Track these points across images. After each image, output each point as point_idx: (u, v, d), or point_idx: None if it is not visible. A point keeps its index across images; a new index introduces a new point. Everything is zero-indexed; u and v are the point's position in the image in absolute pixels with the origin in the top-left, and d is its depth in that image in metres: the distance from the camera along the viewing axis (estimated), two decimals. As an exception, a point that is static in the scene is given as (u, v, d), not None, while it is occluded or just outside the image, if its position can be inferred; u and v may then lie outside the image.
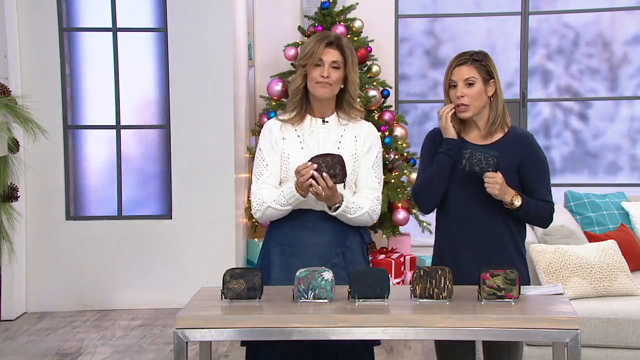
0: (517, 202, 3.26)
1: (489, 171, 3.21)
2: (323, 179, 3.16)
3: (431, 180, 3.36)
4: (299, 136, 3.35)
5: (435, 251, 3.47)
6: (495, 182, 3.21)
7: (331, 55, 3.31)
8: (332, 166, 3.17)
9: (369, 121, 3.66)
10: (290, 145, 3.34)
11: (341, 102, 3.39)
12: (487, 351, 3.46)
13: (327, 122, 3.38)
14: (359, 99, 3.45)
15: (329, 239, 3.32)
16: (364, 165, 3.38)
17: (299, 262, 3.24)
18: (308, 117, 3.39)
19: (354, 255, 3.37)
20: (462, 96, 3.31)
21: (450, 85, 3.35)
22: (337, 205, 3.27)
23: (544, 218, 3.37)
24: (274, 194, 3.30)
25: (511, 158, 3.32)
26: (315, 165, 3.16)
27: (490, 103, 3.36)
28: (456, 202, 3.36)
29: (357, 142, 3.38)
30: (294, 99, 3.38)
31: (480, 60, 3.33)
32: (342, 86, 3.36)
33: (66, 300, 6.41)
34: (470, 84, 3.31)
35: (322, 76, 3.29)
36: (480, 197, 3.29)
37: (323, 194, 3.19)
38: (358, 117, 3.42)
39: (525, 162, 3.34)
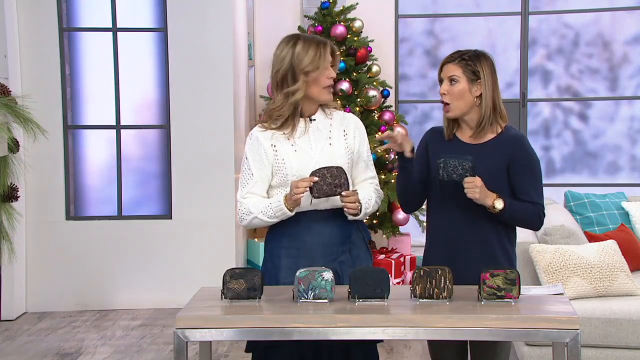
0: (499, 204, 3.21)
1: (467, 176, 3.18)
2: (344, 194, 3.20)
3: (397, 181, 3.43)
4: (289, 139, 3.33)
5: (424, 254, 3.47)
6: (474, 186, 3.17)
7: (330, 56, 3.33)
8: (337, 176, 3.19)
9: (367, 120, 3.66)
10: (283, 151, 3.31)
11: None
12: (474, 352, 3.45)
13: (314, 119, 3.37)
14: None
15: (335, 237, 3.32)
16: (361, 159, 3.41)
17: (307, 264, 3.21)
18: (298, 119, 3.37)
19: (359, 252, 3.38)
20: (444, 93, 3.31)
21: (440, 82, 3.36)
22: (359, 207, 3.28)
23: (531, 220, 3.31)
24: (261, 205, 3.28)
25: (500, 159, 3.29)
26: (317, 178, 3.17)
27: (478, 104, 3.34)
28: (440, 209, 3.36)
29: (347, 137, 3.38)
30: (289, 111, 3.29)
31: (467, 60, 3.31)
32: None
33: (66, 300, 6.41)
34: (453, 82, 3.30)
35: (330, 78, 3.29)
36: (463, 202, 3.26)
37: (356, 206, 3.23)
38: (333, 106, 3.43)
39: (514, 163, 3.30)
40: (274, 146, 3.32)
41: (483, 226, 3.30)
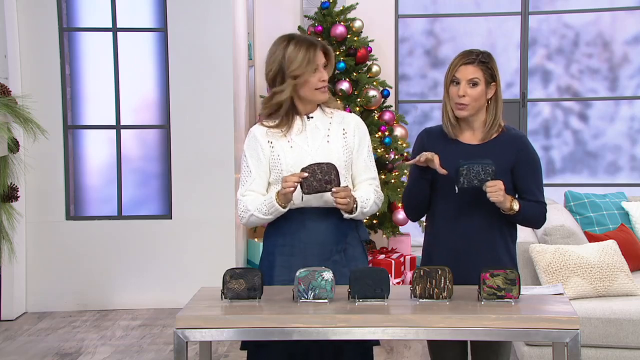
0: (516, 206, 3.25)
1: (488, 180, 3.18)
2: (335, 189, 3.17)
3: (410, 192, 3.42)
4: (285, 136, 3.34)
5: (423, 253, 3.47)
6: (498, 189, 3.19)
7: (322, 57, 3.31)
8: (327, 172, 3.17)
9: (367, 120, 3.66)
10: (279, 147, 3.32)
11: None
12: (475, 352, 3.45)
13: (312, 117, 3.37)
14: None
15: (330, 236, 3.31)
16: (360, 158, 3.39)
17: (300, 262, 3.23)
18: (295, 118, 3.37)
19: (354, 252, 3.36)
20: (463, 95, 3.30)
21: (451, 81, 3.34)
22: (354, 205, 3.27)
23: (537, 219, 3.37)
24: (257, 202, 3.30)
25: (505, 159, 3.30)
26: (306, 174, 3.16)
27: (488, 105, 3.35)
28: (450, 213, 3.34)
29: (346, 136, 3.37)
30: (280, 112, 3.32)
31: (486, 62, 3.31)
32: None
33: (66, 300, 6.41)
34: (474, 84, 3.30)
35: (323, 80, 3.29)
36: (479, 206, 3.27)
37: (346, 202, 3.20)
38: (336, 106, 3.43)
39: (519, 163, 3.32)
40: (271, 142, 3.33)
41: (492, 229, 3.32)
